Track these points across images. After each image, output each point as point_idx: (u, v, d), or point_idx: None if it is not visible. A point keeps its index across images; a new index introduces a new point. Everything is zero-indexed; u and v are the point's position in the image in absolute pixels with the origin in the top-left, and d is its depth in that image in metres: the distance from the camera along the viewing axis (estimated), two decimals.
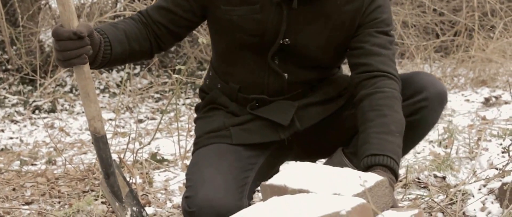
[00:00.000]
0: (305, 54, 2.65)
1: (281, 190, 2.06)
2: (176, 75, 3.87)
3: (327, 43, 2.64)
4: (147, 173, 3.90)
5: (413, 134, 2.59)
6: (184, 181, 3.77)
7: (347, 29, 2.62)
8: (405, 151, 2.65)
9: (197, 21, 2.71)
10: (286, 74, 2.67)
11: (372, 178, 2.05)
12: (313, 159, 3.01)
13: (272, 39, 2.61)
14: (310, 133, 2.77)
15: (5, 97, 6.82)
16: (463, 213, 2.93)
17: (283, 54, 2.64)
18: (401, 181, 3.50)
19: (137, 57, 2.68)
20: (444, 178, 3.54)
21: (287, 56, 2.64)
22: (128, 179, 3.65)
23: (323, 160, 2.91)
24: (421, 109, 2.56)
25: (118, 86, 7.27)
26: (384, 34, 2.61)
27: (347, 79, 2.77)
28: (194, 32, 6.24)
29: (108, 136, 5.04)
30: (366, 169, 2.36)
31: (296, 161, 2.95)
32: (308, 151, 2.87)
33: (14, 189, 3.84)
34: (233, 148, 2.69)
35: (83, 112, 6.42)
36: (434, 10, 7.64)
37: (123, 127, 5.73)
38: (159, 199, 3.60)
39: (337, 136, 2.78)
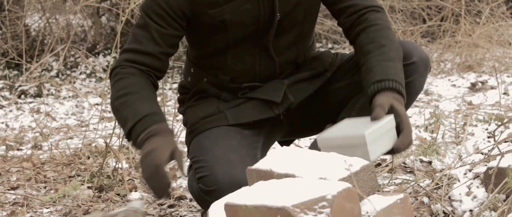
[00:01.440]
0: (293, 23, 2.66)
1: (267, 175, 2.06)
2: None
3: (311, 2, 2.68)
4: (133, 158, 3.89)
5: None
6: (171, 165, 3.78)
7: None
8: None
9: (183, 34, 2.69)
10: (276, 58, 2.68)
11: (358, 162, 2.05)
12: (302, 136, 3.05)
13: (267, 22, 2.62)
14: (299, 110, 2.80)
15: None
16: (449, 197, 2.93)
17: (275, 35, 2.65)
18: (387, 166, 3.51)
19: None
20: (430, 162, 3.55)
21: (277, 36, 2.65)
22: (114, 164, 3.65)
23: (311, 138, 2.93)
24: (409, 73, 2.60)
25: (104, 70, 7.25)
26: None
27: (330, 55, 2.82)
28: None
29: (94, 121, 5.05)
30: (373, 95, 2.43)
31: (285, 139, 2.98)
32: (297, 129, 2.90)
33: None
34: (234, 128, 2.69)
35: (69, 96, 6.40)
36: None
37: (110, 112, 5.71)
38: (145, 184, 3.59)
39: (325, 112, 2.82)
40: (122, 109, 2.52)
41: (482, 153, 3.51)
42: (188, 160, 2.73)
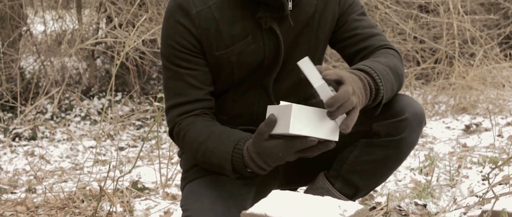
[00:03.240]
0: (295, 66, 2.65)
1: None
2: (157, 103, 3.86)
3: (315, 45, 2.66)
4: (128, 202, 3.88)
5: (394, 154, 2.60)
6: (165, 209, 3.77)
7: (330, 24, 2.66)
8: (388, 172, 2.67)
9: None
10: (275, 101, 2.67)
11: (352, 206, 2.05)
12: (297, 186, 3.01)
13: (271, 63, 2.61)
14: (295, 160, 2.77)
15: None
16: None
17: (276, 78, 2.65)
18: (381, 209, 3.50)
19: None
20: (425, 206, 3.55)
21: (279, 80, 2.65)
22: (108, 207, 3.63)
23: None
24: (400, 130, 2.55)
25: (99, 113, 7.25)
26: (364, 15, 2.69)
27: None
28: None
29: (89, 164, 5.04)
30: None
31: (281, 189, 2.95)
32: (292, 178, 2.87)
33: None
34: (225, 178, 2.64)
35: (64, 139, 6.39)
36: (415, 37, 7.69)
37: (104, 155, 5.71)
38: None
39: (321, 160, 2.78)
40: (209, 160, 2.51)
41: (477, 196, 3.51)
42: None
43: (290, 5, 2.54)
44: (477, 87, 6.73)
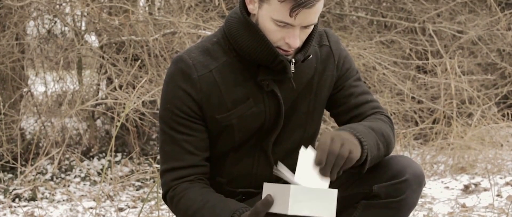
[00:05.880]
0: (294, 127, 2.67)
1: None
2: (156, 165, 3.88)
3: (314, 106, 2.69)
4: None
5: (394, 216, 2.60)
6: None
7: (328, 86, 2.69)
8: None
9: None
10: (274, 163, 2.68)
11: None
12: None
13: (272, 125, 2.63)
14: None
15: None
16: None
17: (275, 140, 2.66)
18: None
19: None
20: None
21: (278, 142, 2.67)
22: None
23: None
24: (401, 191, 2.56)
25: (99, 174, 7.25)
26: (359, 80, 2.72)
27: None
28: None
29: None
30: None
31: None
32: None
33: None
34: None
35: (64, 200, 6.39)
36: (413, 98, 7.73)
37: (104, 216, 5.70)
38: None
39: None
40: None
41: None
42: None
43: (292, 67, 2.57)
44: (475, 147, 6.74)
